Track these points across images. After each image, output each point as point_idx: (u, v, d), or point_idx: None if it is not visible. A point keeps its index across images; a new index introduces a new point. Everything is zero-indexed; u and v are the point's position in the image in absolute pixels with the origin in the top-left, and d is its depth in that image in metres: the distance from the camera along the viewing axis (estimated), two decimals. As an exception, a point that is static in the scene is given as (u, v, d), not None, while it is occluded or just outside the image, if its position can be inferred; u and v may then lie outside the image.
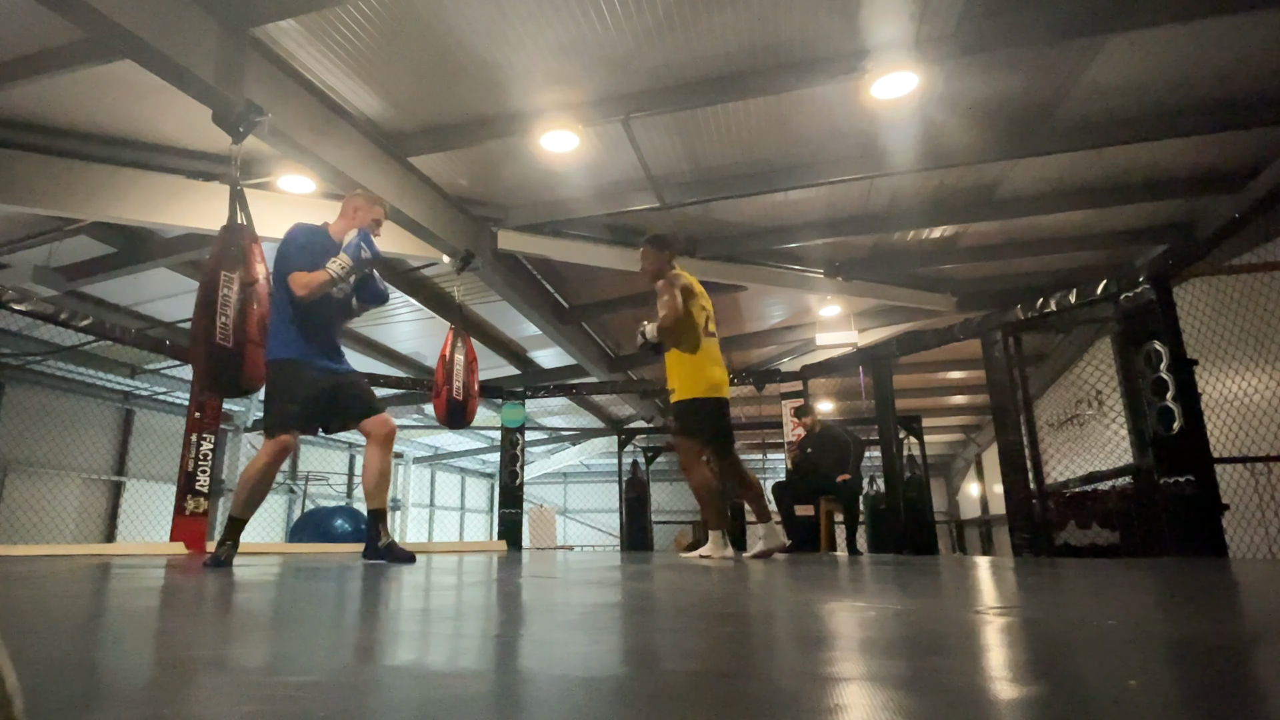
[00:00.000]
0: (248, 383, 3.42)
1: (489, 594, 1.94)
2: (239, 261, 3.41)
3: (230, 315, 3.31)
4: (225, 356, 3.29)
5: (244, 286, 3.37)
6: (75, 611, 1.48)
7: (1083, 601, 1.65)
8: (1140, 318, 4.17)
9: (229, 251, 3.43)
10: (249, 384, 3.44)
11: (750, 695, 0.68)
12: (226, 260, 3.40)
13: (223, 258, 3.41)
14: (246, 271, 3.42)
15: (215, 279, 3.35)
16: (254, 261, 3.47)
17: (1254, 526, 4.36)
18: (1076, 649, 0.95)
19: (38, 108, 4.97)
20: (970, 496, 18.02)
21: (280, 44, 4.39)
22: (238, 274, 3.38)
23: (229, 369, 3.31)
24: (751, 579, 2.34)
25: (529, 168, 5.94)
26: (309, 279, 3.11)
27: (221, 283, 3.34)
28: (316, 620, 1.35)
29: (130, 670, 0.85)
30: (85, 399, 10.33)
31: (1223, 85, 4.88)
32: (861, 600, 1.63)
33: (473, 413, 6.16)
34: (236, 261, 3.40)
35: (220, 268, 3.38)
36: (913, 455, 7.88)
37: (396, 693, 0.70)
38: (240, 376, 3.35)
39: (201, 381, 3.50)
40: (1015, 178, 6.12)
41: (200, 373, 3.41)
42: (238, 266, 3.40)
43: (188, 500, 5.61)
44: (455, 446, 17.40)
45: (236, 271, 3.39)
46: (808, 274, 7.81)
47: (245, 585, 2.16)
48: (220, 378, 3.37)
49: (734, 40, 4.42)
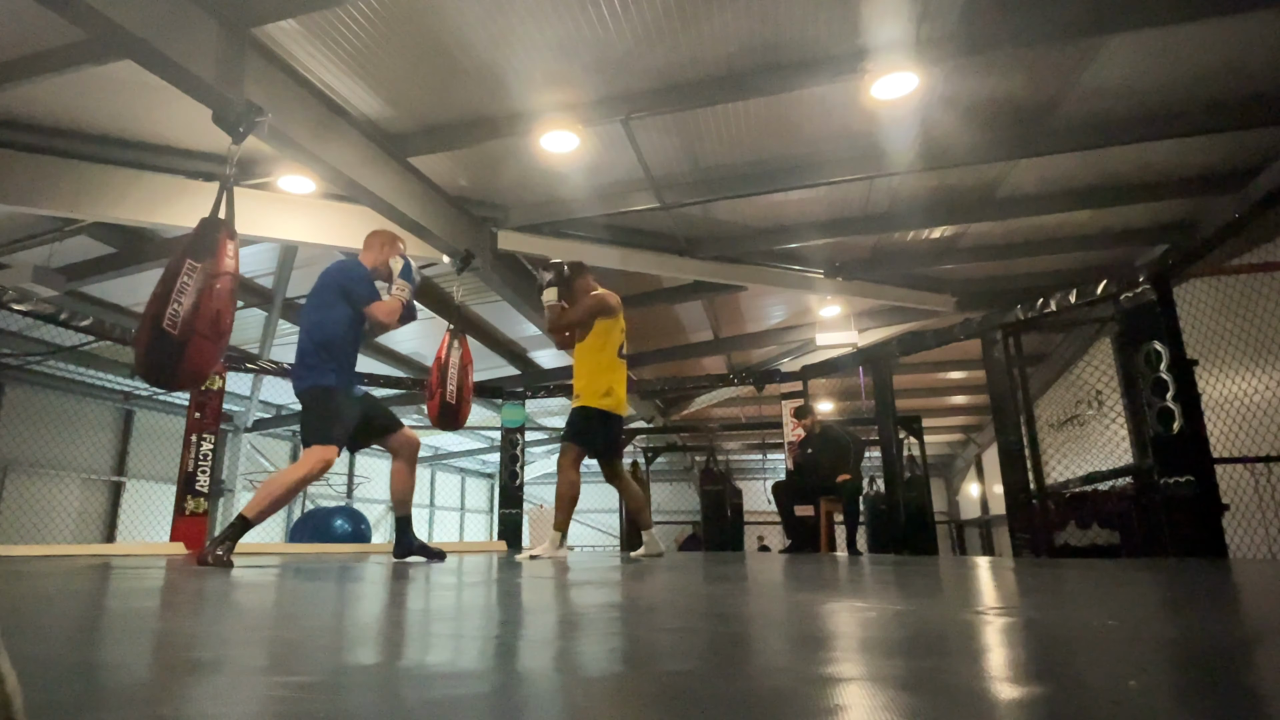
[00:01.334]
0: (186, 377, 3.23)
1: (489, 594, 1.94)
2: (209, 253, 3.23)
3: (184, 304, 3.11)
4: (168, 345, 3.09)
5: (206, 278, 3.18)
6: (75, 612, 1.48)
7: (1083, 602, 1.65)
8: (1140, 318, 4.16)
9: (201, 241, 3.25)
10: (187, 379, 3.26)
11: (750, 695, 0.68)
12: (195, 250, 3.22)
13: (193, 246, 3.24)
14: (214, 263, 3.24)
15: (179, 265, 3.17)
16: (224, 256, 3.28)
17: (1254, 527, 4.35)
18: (1076, 649, 0.95)
19: (38, 108, 4.97)
20: (970, 497, 18.01)
21: (280, 44, 4.39)
22: (204, 264, 3.20)
23: (169, 359, 3.11)
24: (751, 579, 2.34)
25: (529, 168, 5.94)
26: (391, 307, 3.44)
27: (184, 270, 3.15)
28: (317, 620, 1.34)
29: (130, 670, 0.85)
30: (85, 399, 10.33)
31: (1223, 85, 4.88)
32: (861, 600, 1.63)
33: (465, 416, 6.15)
34: (205, 253, 3.22)
35: (187, 256, 3.20)
36: (913, 455, 7.87)
37: (396, 693, 0.69)
38: (179, 369, 3.14)
39: (140, 368, 3.22)
40: (1015, 178, 6.12)
41: (139, 358, 3.17)
42: (205, 258, 3.22)
43: (188, 500, 5.61)
44: (455, 447, 17.39)
45: (203, 262, 3.21)
46: (808, 274, 7.80)
47: (245, 585, 2.16)
48: (158, 367, 3.14)
49: (734, 40, 4.42)
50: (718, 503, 10.49)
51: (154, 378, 3.24)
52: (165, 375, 3.20)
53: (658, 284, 8.26)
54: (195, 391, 5.75)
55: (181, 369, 3.14)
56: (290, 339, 9.48)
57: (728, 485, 10.91)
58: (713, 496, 10.52)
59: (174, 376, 3.19)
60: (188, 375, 3.21)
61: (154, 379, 3.25)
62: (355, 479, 15.81)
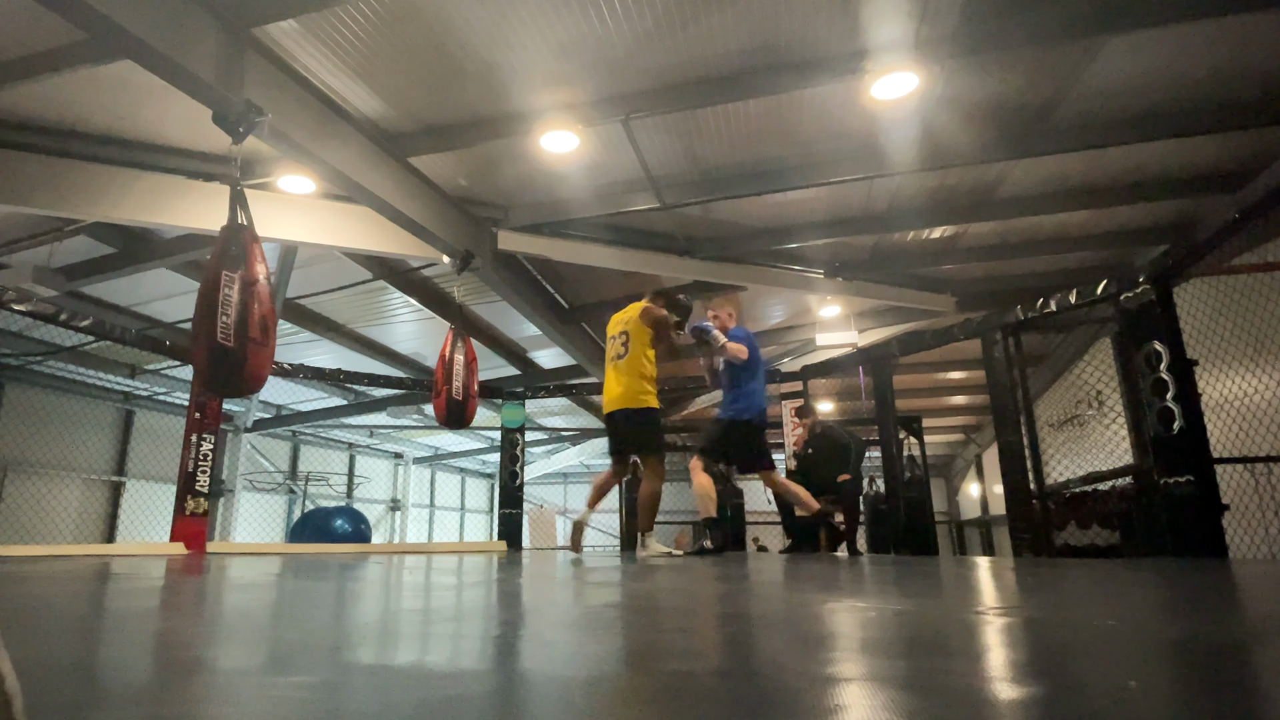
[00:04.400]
0: (248, 383, 3.43)
1: (489, 594, 1.94)
2: (239, 262, 3.41)
3: (232, 315, 3.32)
4: (227, 356, 3.29)
5: (245, 286, 3.37)
6: (76, 611, 1.48)
7: (1083, 602, 1.65)
8: (1140, 318, 4.16)
9: (229, 252, 3.43)
10: (250, 384, 3.45)
11: (750, 695, 0.68)
12: (227, 260, 3.40)
13: (223, 258, 3.41)
14: (248, 271, 3.42)
15: (216, 279, 3.35)
16: (254, 261, 3.46)
17: (1254, 527, 4.35)
18: (1076, 649, 0.95)
19: (38, 108, 4.97)
20: (970, 496, 18.01)
21: (280, 44, 4.39)
22: (239, 274, 3.38)
23: (230, 369, 3.32)
24: (752, 580, 2.34)
25: (529, 168, 5.94)
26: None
27: (223, 283, 3.34)
28: (317, 620, 1.34)
29: (130, 670, 0.85)
30: (85, 399, 10.33)
31: (1223, 85, 4.88)
32: (861, 600, 1.63)
33: (472, 413, 6.16)
34: (237, 262, 3.40)
35: (221, 268, 3.38)
36: (913, 455, 7.87)
37: (396, 693, 0.69)
38: (242, 376, 3.36)
39: (203, 382, 3.50)
40: (1015, 178, 6.11)
41: (201, 373, 3.41)
42: (238, 266, 3.40)
43: (188, 500, 5.62)
44: (455, 447, 17.39)
45: (238, 271, 3.39)
46: (808, 274, 7.80)
47: (246, 585, 2.16)
48: (221, 378, 3.37)
49: (734, 40, 4.42)
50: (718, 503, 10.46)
51: (221, 389, 3.55)
52: (230, 385, 3.48)
53: (658, 284, 8.25)
54: (195, 391, 5.76)
55: (244, 376, 3.39)
56: (290, 339, 9.49)
57: (728, 485, 10.91)
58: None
59: (239, 385, 3.45)
60: (250, 381, 3.44)
61: (221, 390, 3.60)
62: (355, 479, 15.82)
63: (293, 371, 7.55)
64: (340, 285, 8.07)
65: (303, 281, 7.85)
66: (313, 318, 8.97)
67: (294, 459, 14.57)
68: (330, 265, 7.54)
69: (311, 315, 8.93)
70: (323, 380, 9.55)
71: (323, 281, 7.99)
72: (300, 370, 7.61)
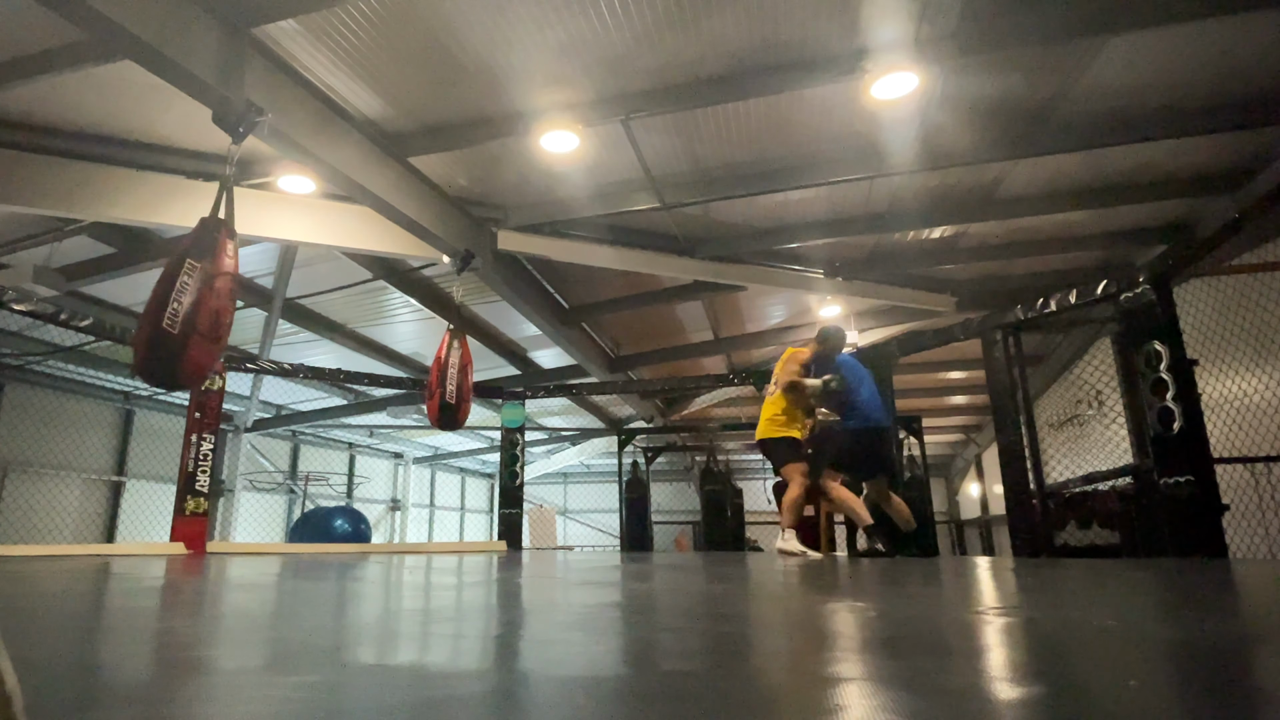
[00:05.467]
0: (186, 377, 3.22)
1: (489, 594, 1.94)
2: (207, 253, 3.25)
3: (184, 304, 3.13)
4: (168, 344, 3.10)
5: (206, 278, 3.20)
6: (76, 611, 1.48)
7: (1083, 602, 1.64)
8: (1140, 318, 4.16)
9: (201, 241, 3.28)
10: (187, 378, 3.25)
11: (750, 696, 0.68)
12: (195, 250, 3.25)
13: (193, 246, 3.26)
14: (213, 264, 3.25)
15: (179, 265, 3.19)
16: (223, 256, 3.30)
17: (1254, 526, 4.36)
18: (1076, 649, 0.95)
19: (38, 108, 4.97)
20: (970, 497, 18.01)
21: (280, 44, 4.39)
22: (202, 264, 3.22)
23: (168, 357, 3.11)
24: (752, 579, 2.33)
25: (529, 168, 5.94)
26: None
27: (184, 269, 3.17)
28: (317, 620, 1.34)
29: (130, 670, 0.85)
30: (85, 399, 10.33)
31: (1223, 85, 4.88)
32: (862, 600, 1.63)
33: (465, 416, 6.15)
34: (205, 252, 3.24)
35: (186, 255, 3.22)
36: (913, 455, 7.88)
37: (397, 693, 0.69)
38: (180, 368, 3.14)
39: (139, 367, 3.23)
40: (1015, 178, 6.11)
41: (139, 357, 3.18)
42: (204, 257, 3.23)
43: (188, 500, 5.62)
44: (455, 447, 17.39)
45: (202, 261, 3.22)
46: (808, 274, 7.80)
47: (245, 585, 2.16)
48: (156, 365, 3.15)
49: (734, 40, 4.42)
50: (718, 503, 10.49)
51: (154, 377, 3.23)
52: (165, 375, 3.19)
53: (658, 284, 8.25)
54: (195, 391, 5.76)
55: (181, 368, 3.14)
56: (290, 339, 9.50)
57: (728, 485, 10.92)
58: (713, 496, 10.52)
59: (174, 376, 3.19)
60: (188, 374, 3.21)
61: (154, 378, 3.24)
62: (355, 479, 15.82)
63: (293, 371, 7.55)
64: (340, 285, 8.07)
65: (303, 281, 7.85)
66: (313, 317, 8.97)
67: (294, 459, 14.57)
68: (330, 265, 7.54)
69: (311, 315, 8.93)
70: (323, 380, 9.56)
71: (323, 281, 8.00)
72: (300, 370, 7.61)
